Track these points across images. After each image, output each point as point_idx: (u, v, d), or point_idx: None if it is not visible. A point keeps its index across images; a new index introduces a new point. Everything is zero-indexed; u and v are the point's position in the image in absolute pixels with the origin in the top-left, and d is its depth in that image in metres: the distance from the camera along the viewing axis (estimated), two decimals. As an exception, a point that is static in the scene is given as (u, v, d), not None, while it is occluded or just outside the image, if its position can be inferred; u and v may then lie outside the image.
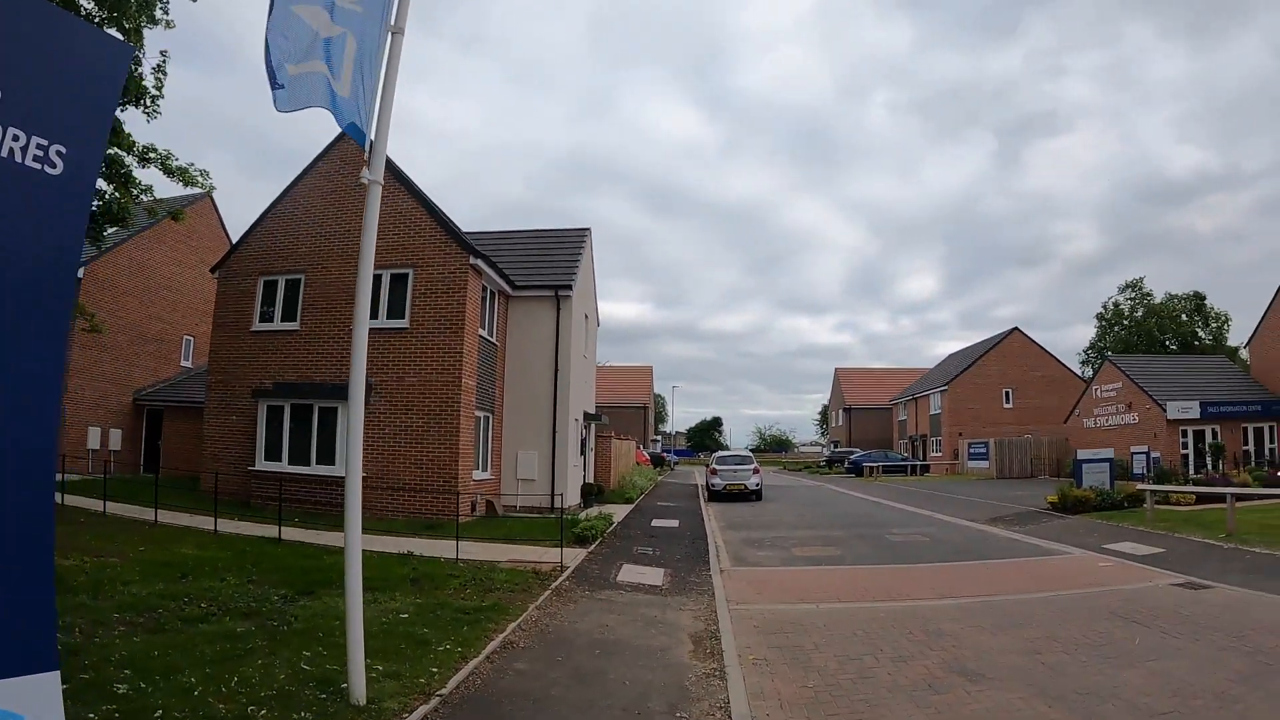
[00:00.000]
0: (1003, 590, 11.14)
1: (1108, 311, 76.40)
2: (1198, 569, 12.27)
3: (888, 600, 10.43)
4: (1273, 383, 40.65)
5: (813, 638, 8.34)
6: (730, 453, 33.27)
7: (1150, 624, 8.78)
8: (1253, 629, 8.42)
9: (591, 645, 7.83)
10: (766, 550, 15.31)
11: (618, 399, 64.66)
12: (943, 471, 50.80)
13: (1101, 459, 23.48)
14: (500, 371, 21.21)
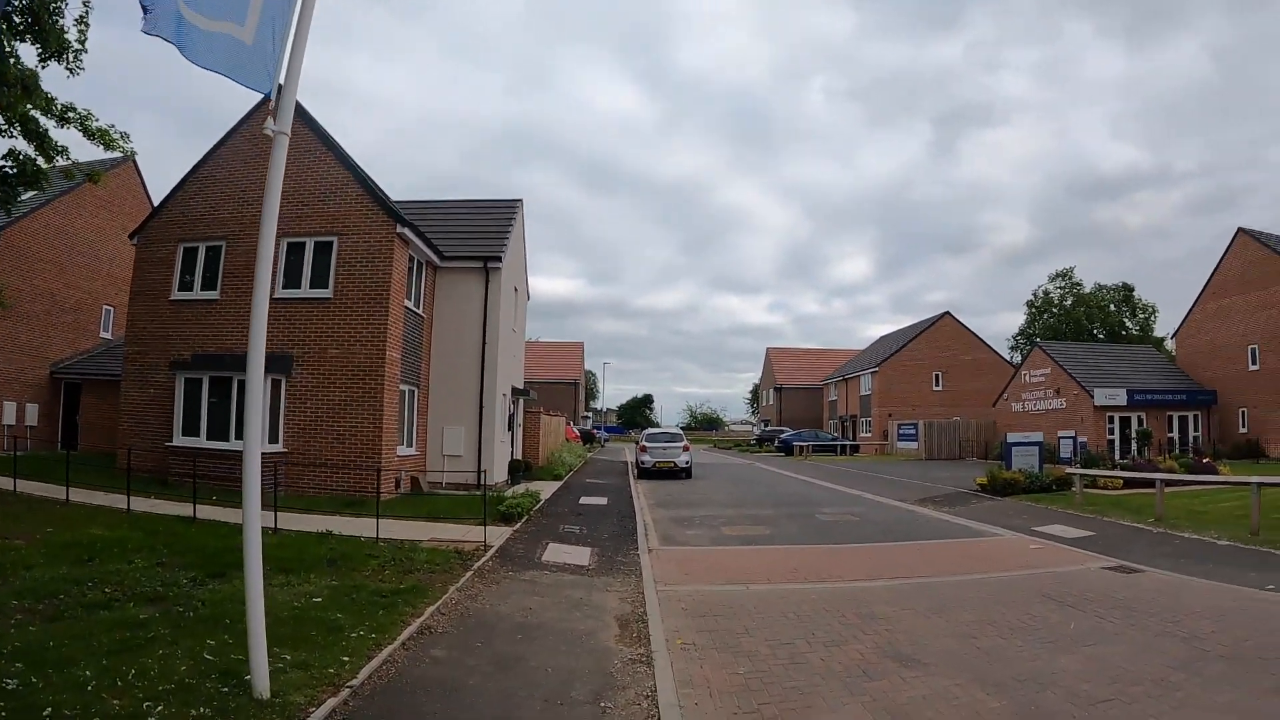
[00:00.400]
0: (935, 572, 11.08)
1: (1038, 299, 78.78)
2: (1128, 553, 12.42)
3: (819, 581, 10.24)
4: (1197, 373, 42.47)
5: (743, 621, 8.07)
6: (660, 430, 33.19)
7: (1084, 608, 8.74)
8: (1187, 614, 8.43)
9: (514, 629, 7.48)
10: (696, 529, 15.10)
11: (548, 375, 64.51)
12: (872, 452, 51.58)
13: (1031, 442, 23.85)
14: (427, 345, 20.64)
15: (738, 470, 34.60)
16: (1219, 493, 19.05)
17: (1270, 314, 38.64)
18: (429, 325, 20.78)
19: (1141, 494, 19.56)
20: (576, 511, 16.92)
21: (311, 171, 18.07)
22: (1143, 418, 38.93)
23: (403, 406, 18.81)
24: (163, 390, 17.66)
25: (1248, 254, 40.42)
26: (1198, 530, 14.22)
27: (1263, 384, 38.93)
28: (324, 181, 17.99)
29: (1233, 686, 6.05)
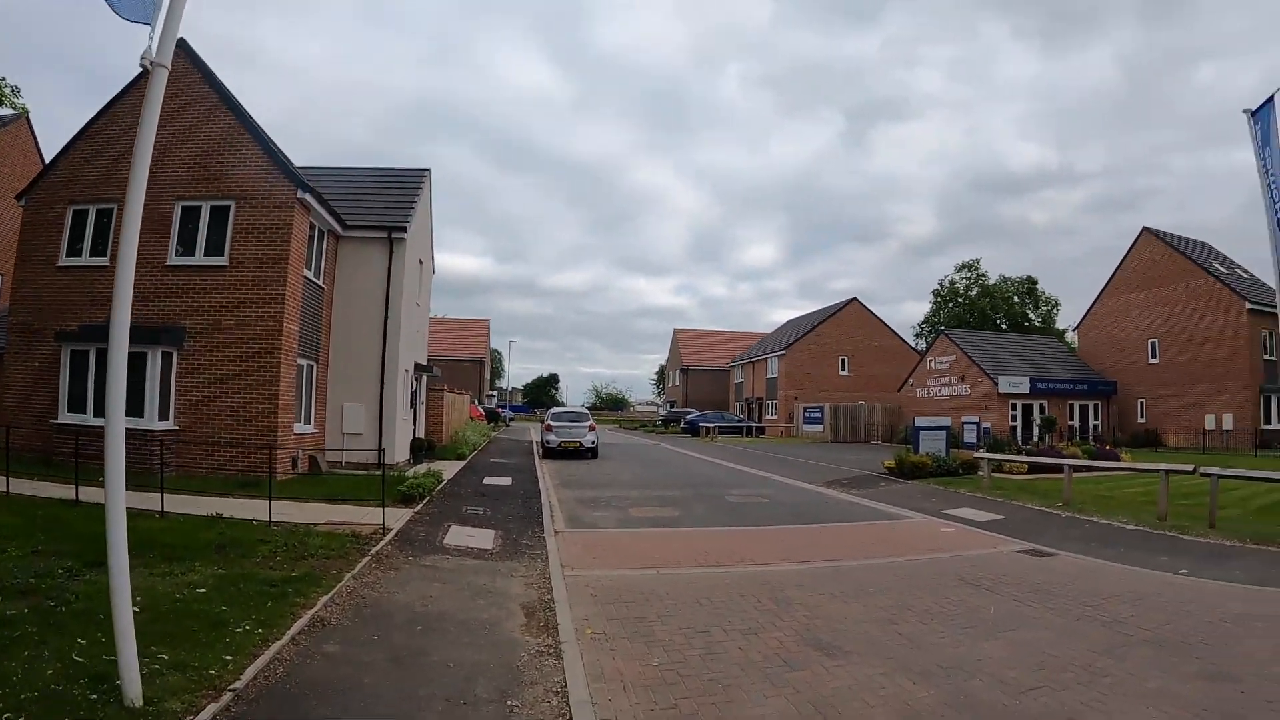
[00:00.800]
0: (849, 555, 10.91)
1: (944, 288, 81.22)
2: (1039, 536, 12.55)
3: (732, 565, 9.93)
4: (1098, 364, 44.89)
5: (655, 608, 7.67)
6: (566, 409, 32.74)
7: (1002, 591, 8.64)
8: (1105, 598, 8.43)
9: (413, 620, 6.93)
10: (603, 510, 14.67)
11: (453, 352, 63.63)
12: (778, 434, 52.13)
13: (939, 426, 24.23)
14: (327, 317, 19.68)
15: (644, 451, 34.42)
16: (1124, 479, 19.63)
17: (1170, 310, 41.29)
18: (329, 297, 19.81)
19: (1047, 479, 20.01)
20: (480, 492, 16.35)
21: (209, 130, 16.96)
22: (1045, 405, 40.34)
23: (301, 381, 17.92)
24: (49, 363, 16.38)
25: (1151, 252, 43.08)
26: (1106, 515, 14.50)
27: (1161, 376, 41.66)
28: (222, 141, 16.96)
29: (1160, 672, 5.97)
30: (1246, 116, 13.96)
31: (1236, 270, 43.40)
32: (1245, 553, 11.31)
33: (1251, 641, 6.90)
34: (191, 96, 16.92)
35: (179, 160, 16.55)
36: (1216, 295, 39.20)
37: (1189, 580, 9.51)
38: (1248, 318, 37.79)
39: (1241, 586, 9.21)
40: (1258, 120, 13.72)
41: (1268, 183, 13.60)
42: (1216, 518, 13.16)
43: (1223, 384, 38.32)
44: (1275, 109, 13.55)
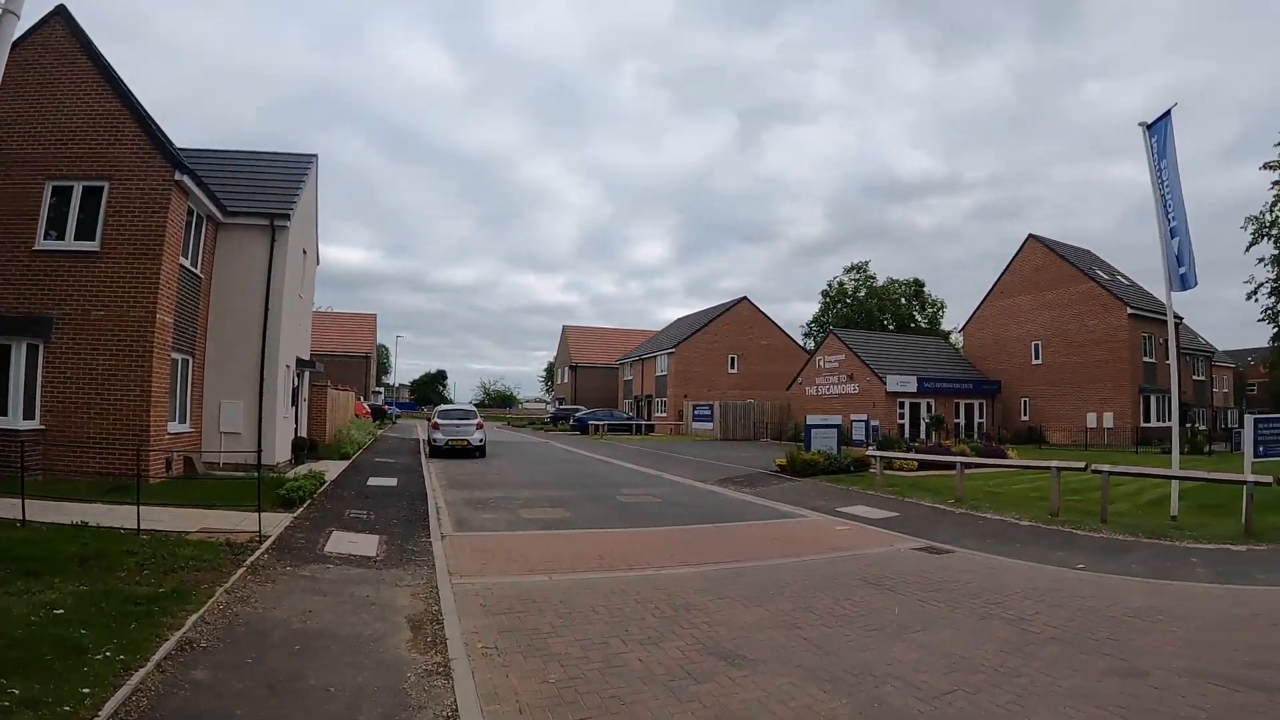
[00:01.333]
0: (746, 556, 10.72)
1: (833, 289, 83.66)
2: (935, 533, 12.72)
3: (627, 569, 9.60)
4: (983, 364, 47.48)
5: (549, 617, 7.25)
6: (453, 407, 31.96)
7: (904, 591, 8.58)
8: (1007, 595, 8.50)
9: (290, 639, 6.35)
10: (491, 512, 14.16)
11: (339, 347, 61.77)
12: (667, 432, 52.24)
13: (830, 424, 24.47)
14: (204, 309, 18.42)
15: (533, 449, 33.95)
16: (1012, 475, 20.23)
17: (1054, 313, 43.88)
18: (207, 287, 18.58)
19: (937, 476, 20.45)
20: (364, 494, 15.63)
21: (84, 105, 15.62)
22: (932, 404, 41.58)
23: (175, 377, 16.81)
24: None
25: (1036, 258, 45.63)
26: (998, 511, 14.83)
27: (1044, 377, 44.18)
28: (98, 117, 15.71)
29: (1071, 670, 5.97)
30: (1142, 130, 14.63)
31: (1118, 277, 46.24)
32: (1138, 547, 11.71)
33: (1155, 635, 7.02)
34: (68, 68, 15.65)
35: (51, 136, 15.35)
36: (1099, 300, 41.61)
37: (1087, 575, 9.73)
38: (1129, 321, 40.36)
39: (1139, 580, 9.49)
40: (1153, 133, 14.36)
41: (1161, 193, 14.21)
42: (1108, 513, 13.53)
43: (1104, 384, 40.68)
44: (1171, 124, 14.09)
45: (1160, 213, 14.22)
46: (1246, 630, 7.32)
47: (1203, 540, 12.06)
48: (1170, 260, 14.08)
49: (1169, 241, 14.06)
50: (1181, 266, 13.97)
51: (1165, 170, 14.11)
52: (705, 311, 64.97)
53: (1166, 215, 14.15)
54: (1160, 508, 15.11)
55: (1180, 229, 14.00)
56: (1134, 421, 39.11)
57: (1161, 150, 14.16)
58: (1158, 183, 14.22)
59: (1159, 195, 14.25)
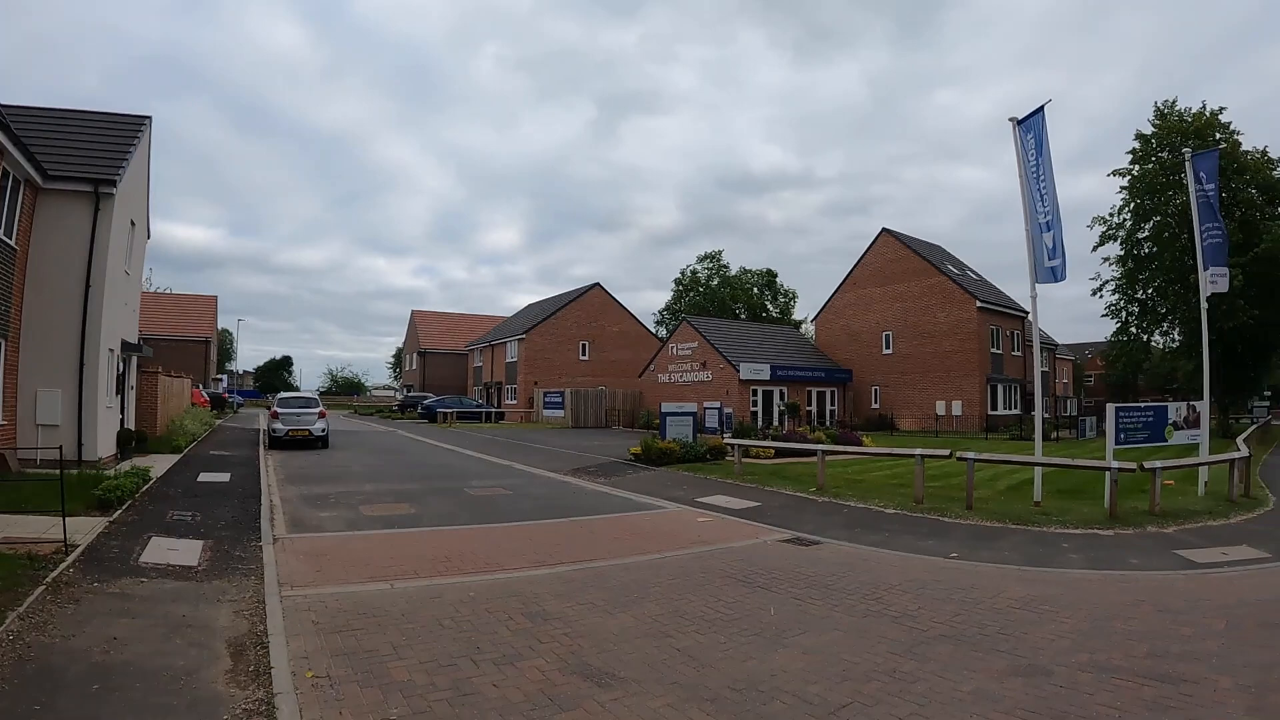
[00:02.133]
0: (606, 554, 10.00)
1: (685, 278, 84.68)
2: (800, 523, 12.40)
3: (478, 573, 8.69)
4: (835, 354, 49.42)
5: (391, 635, 6.27)
6: (294, 395, 30.12)
7: (778, 589, 8.09)
8: (886, 589, 8.15)
9: (89, 676, 5.20)
10: (331, 510, 12.96)
11: (175, 331, 57.56)
12: (518, 419, 51.21)
13: (685, 413, 24.13)
14: (19, 285, 16.00)
15: (380, 439, 32.46)
16: (870, 462, 20.32)
17: (904, 305, 45.70)
18: (24, 261, 16.22)
19: (795, 463, 20.37)
20: (193, 492, 14.08)
21: None
22: (785, 392, 42.11)
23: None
24: None
25: (889, 252, 47.37)
26: (862, 499, 14.69)
27: (894, 366, 45.98)
28: None
29: (970, 671, 5.61)
30: (1012, 125, 14.71)
31: (968, 272, 48.55)
32: (1007, 533, 11.74)
33: (1048, 627, 6.80)
34: None
35: None
36: (949, 293, 43.48)
37: (964, 564, 9.56)
38: (978, 315, 42.36)
39: (1016, 569, 9.38)
40: (1027, 129, 14.40)
41: (1038, 188, 14.27)
42: (974, 500, 13.54)
43: (953, 374, 42.55)
44: (1044, 120, 14.19)
45: (1030, 207, 14.37)
46: (1136, 618, 7.21)
47: (1070, 525, 12.23)
48: (1039, 253, 14.22)
49: (1040, 235, 14.21)
50: (1054, 259, 14.14)
51: (1041, 165, 14.25)
52: (557, 297, 64.13)
53: (1037, 210, 14.30)
54: (1021, 493, 15.35)
55: (1055, 223, 14.17)
56: (981, 409, 41.09)
57: (1039, 146, 14.28)
58: (1032, 177, 14.36)
59: (1029, 190, 14.38)
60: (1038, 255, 14.30)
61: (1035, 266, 14.33)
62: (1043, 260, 14.25)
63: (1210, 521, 12.98)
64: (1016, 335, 46.95)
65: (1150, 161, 38.13)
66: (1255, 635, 6.73)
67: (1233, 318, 33.28)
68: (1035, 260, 14.32)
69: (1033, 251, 14.33)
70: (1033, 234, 14.30)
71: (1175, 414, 15.29)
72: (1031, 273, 14.42)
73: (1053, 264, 14.13)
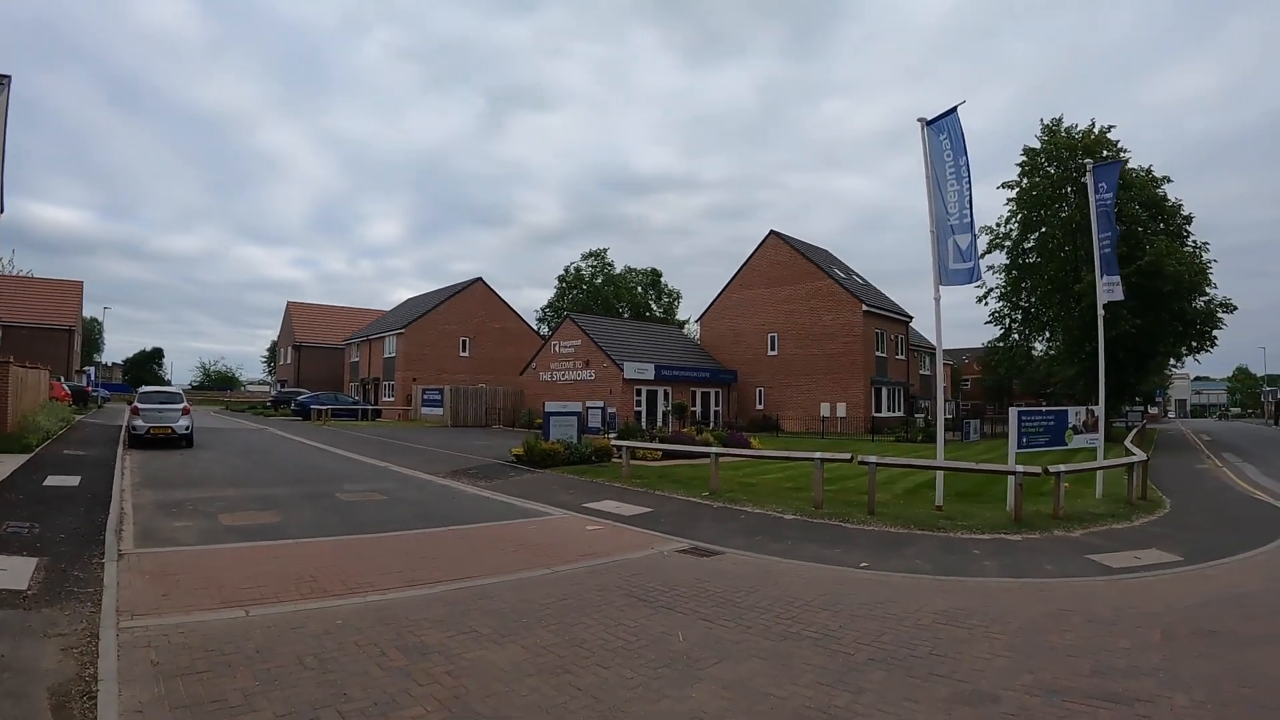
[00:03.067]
0: (490, 569, 9.02)
1: (569, 275, 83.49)
2: (697, 531, 11.77)
3: (347, 595, 7.60)
4: (720, 354, 49.49)
5: (243, 679, 5.17)
6: (157, 389, 27.72)
7: (683, 608, 7.37)
8: (800, 606, 7.55)
9: None
10: (187, 519, 11.56)
11: (35, 318, 53.16)
12: (396, 417, 49.44)
13: (570, 412, 23.21)
14: None
15: (249, 437, 30.51)
16: (760, 465, 19.83)
17: (790, 307, 45.97)
18: None
19: (684, 465, 19.92)
20: (37, 498, 12.30)
21: None
22: (669, 392, 41.73)
23: None
24: None
25: (776, 254, 47.56)
26: (759, 504, 14.15)
27: (780, 367, 46.21)
28: None
29: (911, 702, 5.09)
30: (921, 125, 14.45)
31: (854, 276, 49.28)
32: (914, 539, 11.38)
33: (980, 645, 6.36)
34: None
35: None
36: (836, 296, 43.96)
37: (876, 576, 9.06)
38: (864, 318, 42.94)
39: (931, 578, 8.99)
40: (940, 130, 14.11)
41: (956, 190, 14.01)
42: (875, 504, 13.10)
43: (838, 376, 43.00)
44: (959, 121, 13.90)
45: (937, 209, 14.05)
46: (1069, 630, 6.86)
47: (976, 530, 11.99)
48: (944, 256, 13.92)
49: (948, 238, 13.92)
50: (967, 261, 13.89)
51: (961, 166, 13.96)
52: (438, 291, 62.24)
53: (947, 211, 14.01)
54: (920, 497, 15.12)
55: (970, 224, 13.88)
56: (866, 411, 41.63)
57: (956, 147, 13.97)
58: (947, 178, 14.04)
59: (939, 192, 14.07)
60: (942, 257, 14.02)
61: (940, 269, 14.05)
62: (947, 263, 13.98)
63: (1114, 524, 13.00)
64: (900, 339, 47.79)
65: (1037, 175, 39.62)
66: (1194, 645, 6.50)
67: (1116, 326, 34.45)
68: (940, 262, 14.04)
69: (937, 254, 14.05)
70: (939, 236, 14.02)
71: (1075, 418, 15.27)
72: (936, 275, 14.13)
73: (965, 266, 13.86)
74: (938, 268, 14.13)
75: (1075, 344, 38.41)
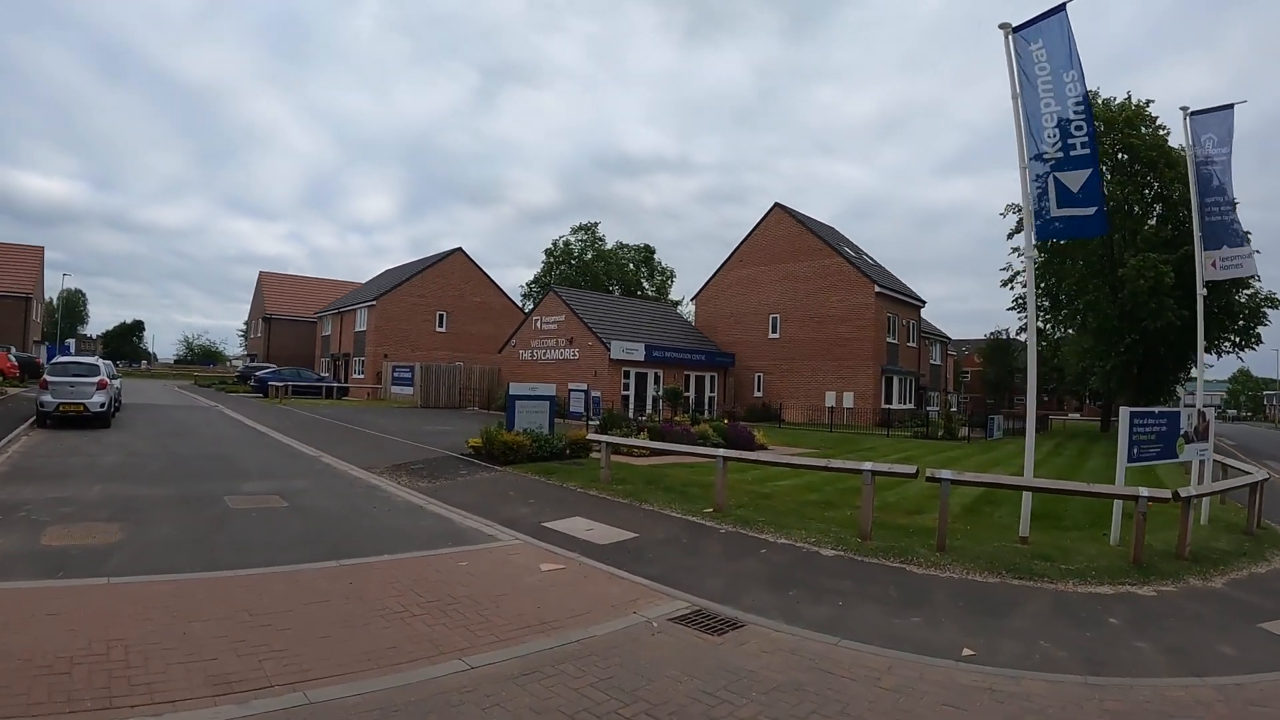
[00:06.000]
0: (358, 661, 5.31)
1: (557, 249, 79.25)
2: (699, 577, 8.16)
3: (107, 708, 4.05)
4: (717, 336, 45.40)
5: None
6: (70, 360, 23.95)
7: None
8: None
9: None
10: (4, 535, 8.12)
11: None
12: (364, 396, 45.87)
13: (540, 396, 19.21)
14: None
15: (183, 415, 27.11)
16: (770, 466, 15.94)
17: (795, 286, 42.14)
18: None
19: (677, 465, 16.54)
20: None
21: None
22: (660, 375, 38.16)
23: None
24: None
25: (781, 229, 43.68)
26: (779, 527, 10.55)
27: (781, 351, 42.39)
28: None
29: None
30: (1005, 35, 10.67)
31: (864, 255, 44.98)
32: (1013, 595, 7.87)
33: None
34: None
35: None
36: (845, 275, 40.21)
37: (994, 679, 5.40)
38: (876, 300, 39.16)
39: (1080, 683, 5.38)
40: (1033, 37, 10.46)
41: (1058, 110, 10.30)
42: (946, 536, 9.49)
43: (846, 362, 39.36)
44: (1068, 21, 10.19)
45: (1032, 137, 10.34)
46: None
47: (1088, 578, 8.48)
48: (1048, 197, 10.25)
49: (1054, 175, 10.19)
50: (1088, 205, 10.10)
51: (1063, 82, 10.17)
52: (414, 263, 58.14)
53: (1044, 140, 10.26)
54: (982, 517, 11.70)
55: (1090, 156, 10.16)
56: (876, 403, 38.08)
57: (1062, 55, 10.16)
58: (1033, 99, 10.35)
59: (1029, 116, 10.39)
60: (1041, 204, 10.40)
61: (1035, 216, 10.46)
62: (1049, 209, 10.34)
63: (1253, 567, 9.60)
64: (913, 325, 44.15)
65: None
66: None
67: (1160, 317, 31.01)
68: (1037, 208, 10.43)
69: (1032, 198, 10.46)
70: (1034, 175, 10.38)
71: (1186, 423, 11.60)
72: (1029, 224, 10.54)
73: (1083, 212, 10.15)
74: (1031, 216, 10.52)
75: (1114, 334, 34.83)
